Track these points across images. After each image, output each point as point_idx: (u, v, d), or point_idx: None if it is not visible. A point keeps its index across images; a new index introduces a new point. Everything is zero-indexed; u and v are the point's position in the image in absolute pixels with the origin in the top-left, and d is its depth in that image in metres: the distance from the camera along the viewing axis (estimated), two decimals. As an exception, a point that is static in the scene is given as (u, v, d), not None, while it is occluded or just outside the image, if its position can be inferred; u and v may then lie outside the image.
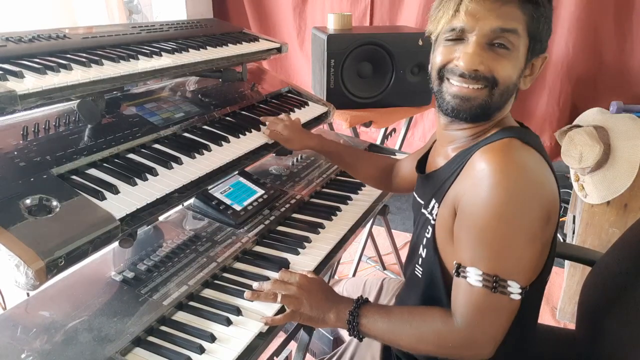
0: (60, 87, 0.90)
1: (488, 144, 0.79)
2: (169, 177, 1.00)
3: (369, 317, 0.87)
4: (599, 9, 1.95)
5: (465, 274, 0.77)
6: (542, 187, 0.76)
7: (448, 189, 0.84)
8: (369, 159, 1.35)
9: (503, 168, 0.74)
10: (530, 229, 0.75)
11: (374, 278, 1.37)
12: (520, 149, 0.77)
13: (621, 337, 0.93)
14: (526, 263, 0.76)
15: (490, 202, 0.74)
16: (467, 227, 0.78)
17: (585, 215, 1.91)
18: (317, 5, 2.48)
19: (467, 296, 0.77)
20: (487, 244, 0.75)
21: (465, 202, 0.78)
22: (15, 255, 0.68)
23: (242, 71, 1.45)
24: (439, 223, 0.87)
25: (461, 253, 0.79)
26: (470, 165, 0.80)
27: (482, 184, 0.75)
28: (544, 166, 0.77)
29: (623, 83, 2.05)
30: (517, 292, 0.75)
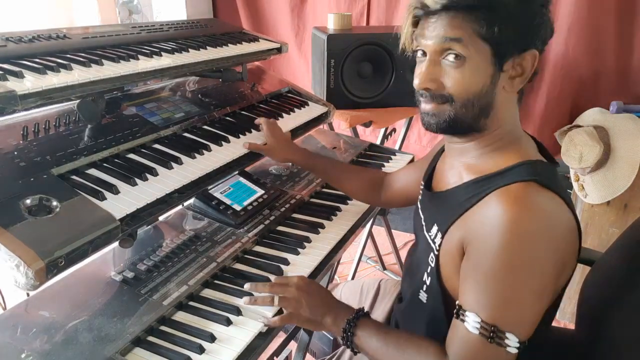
0: (60, 87, 0.90)
1: (505, 187, 0.74)
2: (169, 177, 1.00)
3: (366, 331, 0.85)
4: (600, 9, 1.95)
5: (464, 317, 0.74)
6: (559, 239, 0.73)
7: (454, 222, 0.80)
8: (355, 172, 1.29)
9: (519, 218, 0.70)
10: (541, 284, 0.72)
11: (371, 279, 1.36)
12: (540, 195, 0.72)
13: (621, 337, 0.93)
14: (529, 318, 0.73)
15: (502, 251, 0.70)
16: (474, 272, 0.75)
17: (585, 215, 1.91)
18: (315, 6, 2.48)
19: (462, 341, 0.75)
20: (491, 292, 0.72)
21: (475, 246, 0.75)
22: (15, 255, 0.68)
23: (242, 71, 1.45)
24: (443, 256, 0.83)
25: (464, 295, 0.76)
26: (484, 206, 0.75)
27: (495, 232, 0.71)
28: (564, 213, 0.73)
29: (623, 83, 2.05)
30: (514, 345, 0.71)
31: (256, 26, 2.65)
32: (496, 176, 0.78)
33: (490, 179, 0.78)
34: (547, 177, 0.75)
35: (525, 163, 0.77)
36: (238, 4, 2.63)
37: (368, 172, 1.33)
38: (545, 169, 0.78)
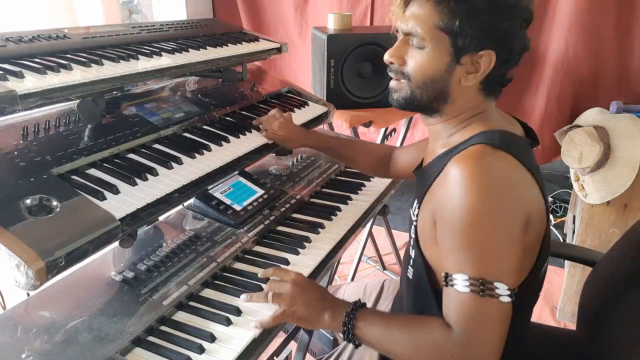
0: (60, 87, 0.90)
1: (461, 152, 0.80)
2: (169, 177, 1.00)
3: (366, 321, 0.85)
4: (599, 9, 1.95)
5: (453, 281, 0.77)
6: (514, 190, 0.77)
7: (426, 192, 0.87)
8: (367, 148, 1.37)
9: (473, 174, 0.75)
10: (507, 230, 0.76)
11: (374, 280, 1.37)
12: (492, 154, 0.77)
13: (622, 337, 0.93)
14: (509, 264, 0.76)
15: (464, 207, 0.75)
16: (447, 236, 0.79)
17: (585, 215, 1.91)
18: (318, 5, 2.48)
19: (457, 304, 0.76)
20: (467, 249, 0.76)
21: (442, 212, 0.80)
22: (16, 255, 0.68)
23: (242, 71, 1.45)
24: (420, 225, 0.88)
25: (447, 262, 0.79)
26: (445, 173, 0.81)
27: (455, 192, 0.76)
28: (517, 169, 0.78)
29: (623, 83, 2.05)
30: (505, 294, 0.74)
31: (257, 25, 2.65)
32: (458, 146, 0.84)
33: (453, 150, 0.85)
34: (506, 142, 0.79)
35: (485, 131, 0.83)
36: (239, 4, 2.62)
37: (378, 148, 1.38)
38: (506, 136, 0.82)
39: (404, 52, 0.86)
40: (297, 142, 1.32)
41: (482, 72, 0.82)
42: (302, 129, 1.35)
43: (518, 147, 0.81)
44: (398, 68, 0.87)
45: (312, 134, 1.35)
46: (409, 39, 0.85)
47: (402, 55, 0.86)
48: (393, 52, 0.87)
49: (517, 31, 0.81)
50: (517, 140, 0.84)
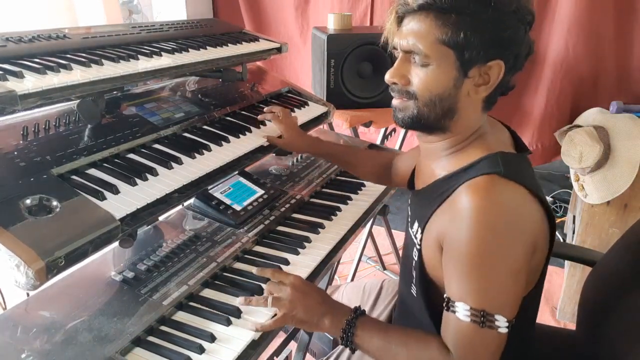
0: (60, 87, 0.89)
1: (470, 181, 0.78)
2: (169, 177, 0.99)
3: (366, 330, 0.85)
4: (599, 9, 1.95)
5: (454, 308, 0.77)
6: (524, 224, 0.77)
7: (429, 218, 0.85)
8: (367, 156, 1.35)
9: (483, 207, 0.75)
10: (514, 265, 0.76)
11: (373, 280, 1.36)
12: (502, 186, 0.76)
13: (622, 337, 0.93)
14: (511, 297, 0.77)
15: (473, 240, 0.75)
16: (453, 264, 0.79)
17: (585, 215, 1.91)
18: (319, 5, 2.48)
19: (456, 330, 0.77)
20: (472, 280, 0.76)
21: (449, 240, 0.79)
22: (16, 255, 0.68)
23: (242, 71, 1.45)
24: (425, 250, 0.87)
25: (450, 287, 0.79)
26: (453, 201, 0.80)
27: (464, 222, 0.76)
28: (526, 201, 0.77)
29: (623, 83, 2.05)
30: (504, 325, 0.75)
31: (259, 25, 2.65)
32: (462, 172, 0.82)
33: (457, 175, 0.83)
34: (509, 168, 0.78)
35: (488, 157, 0.81)
36: (240, 4, 2.63)
37: (379, 156, 1.36)
38: (508, 159, 0.81)
39: (406, 71, 0.83)
40: (297, 147, 1.31)
41: (493, 83, 0.80)
42: (303, 134, 1.34)
43: (520, 169, 0.81)
44: (402, 88, 0.84)
45: (313, 140, 1.33)
46: (410, 57, 0.82)
47: (405, 74, 0.83)
48: (395, 72, 0.84)
49: (522, 36, 0.79)
50: (517, 161, 0.83)
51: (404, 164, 1.23)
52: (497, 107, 0.90)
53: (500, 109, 0.89)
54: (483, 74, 0.80)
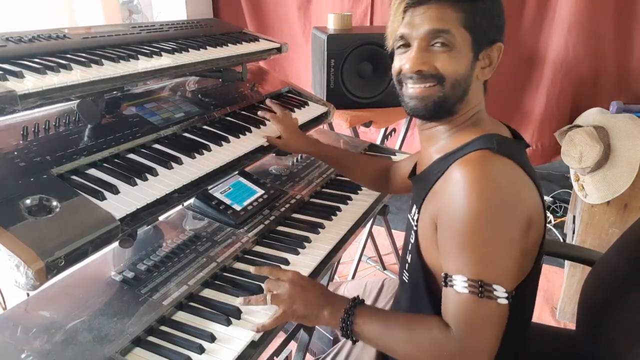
0: (60, 87, 0.89)
1: (463, 157, 0.81)
2: (169, 177, 0.99)
3: (365, 317, 0.86)
4: (599, 9, 1.95)
5: (452, 282, 0.78)
6: (516, 194, 0.78)
7: (425, 196, 0.87)
8: (366, 162, 1.36)
9: (476, 178, 0.77)
10: (508, 234, 0.77)
11: (374, 279, 1.37)
12: (493, 159, 0.79)
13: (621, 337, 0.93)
14: (508, 267, 0.77)
15: (467, 211, 0.76)
16: (448, 238, 0.80)
17: (585, 215, 1.91)
18: (321, 5, 2.49)
19: (456, 304, 0.77)
20: (467, 251, 0.77)
21: (443, 215, 0.81)
22: (15, 255, 0.68)
23: (242, 71, 1.45)
24: (420, 230, 0.88)
25: (447, 263, 0.80)
26: (447, 177, 0.82)
27: (458, 195, 0.77)
28: (518, 174, 0.79)
29: (623, 83, 2.05)
30: (503, 296, 0.75)
31: (261, 25, 2.66)
32: (457, 151, 0.85)
33: (452, 154, 0.85)
34: (503, 146, 0.81)
35: (483, 136, 0.84)
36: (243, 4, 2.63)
37: (378, 162, 1.37)
38: (503, 140, 0.84)
39: (427, 58, 0.84)
40: (296, 148, 1.32)
41: (495, 65, 0.87)
42: (303, 135, 1.35)
43: (515, 150, 0.83)
44: (427, 73, 0.85)
45: (313, 142, 1.34)
46: (427, 44, 0.84)
47: (427, 61, 0.84)
48: (419, 61, 0.85)
49: None
50: (513, 144, 0.87)
51: (402, 169, 1.24)
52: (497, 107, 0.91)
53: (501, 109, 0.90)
54: (486, 56, 0.86)
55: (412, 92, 0.88)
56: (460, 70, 0.84)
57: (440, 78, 0.85)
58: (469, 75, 0.86)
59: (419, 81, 0.86)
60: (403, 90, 0.90)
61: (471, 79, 0.86)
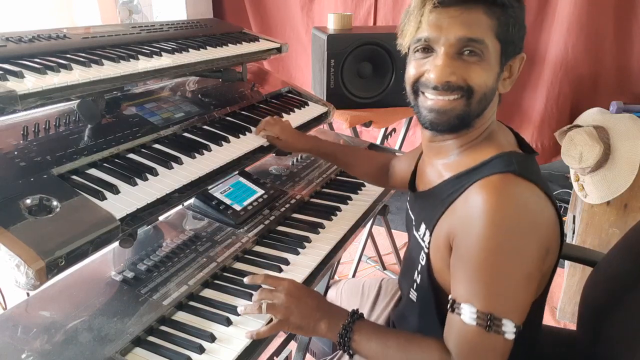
0: (60, 87, 0.89)
1: (484, 179, 0.75)
2: (169, 177, 1.00)
3: (363, 334, 0.83)
4: (599, 9, 1.95)
5: (460, 310, 0.74)
6: (539, 225, 0.74)
7: (439, 218, 0.82)
8: (366, 157, 1.34)
9: (499, 206, 0.72)
10: (527, 268, 0.73)
11: (372, 279, 1.36)
12: (518, 185, 0.74)
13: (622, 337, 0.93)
14: (521, 302, 0.74)
15: (486, 240, 0.72)
16: (462, 264, 0.76)
17: (585, 215, 1.91)
18: (324, 4, 2.49)
19: (460, 334, 0.74)
20: (481, 281, 0.73)
21: (460, 239, 0.77)
22: (16, 255, 0.68)
23: (242, 71, 1.45)
24: (433, 253, 0.84)
25: (456, 289, 0.77)
26: (466, 201, 0.77)
27: (477, 221, 0.73)
28: (542, 201, 0.75)
29: (623, 83, 2.05)
30: (511, 331, 0.72)
31: (265, 25, 2.67)
32: (474, 170, 0.80)
33: (469, 174, 0.80)
34: (523, 167, 0.76)
35: (501, 155, 0.79)
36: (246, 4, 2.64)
37: (378, 156, 1.35)
38: (521, 159, 0.79)
39: (456, 67, 0.77)
40: (296, 147, 1.31)
41: (515, 77, 0.82)
42: (301, 134, 1.34)
43: (532, 168, 0.79)
44: (455, 84, 0.77)
45: (311, 139, 1.33)
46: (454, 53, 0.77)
47: (456, 70, 0.77)
48: (448, 70, 0.76)
49: None
50: (529, 161, 0.81)
51: (402, 166, 1.22)
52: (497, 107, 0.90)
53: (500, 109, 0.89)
54: (509, 68, 0.81)
55: (433, 104, 0.80)
56: (489, 84, 0.78)
57: (469, 91, 0.78)
58: (495, 88, 0.80)
59: (444, 93, 0.78)
60: (420, 101, 0.83)
61: (495, 92, 0.81)
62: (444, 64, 0.77)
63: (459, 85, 0.77)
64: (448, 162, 0.87)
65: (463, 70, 0.77)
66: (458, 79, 0.77)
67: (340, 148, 1.36)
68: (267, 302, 0.87)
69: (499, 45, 0.77)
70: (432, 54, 0.79)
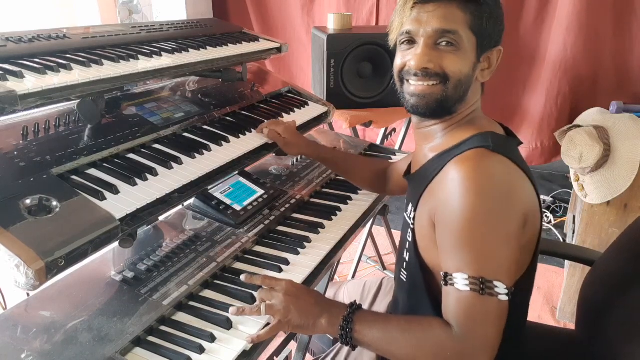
0: (60, 87, 0.89)
1: (460, 155, 0.82)
2: (169, 177, 1.00)
3: (364, 324, 0.84)
4: (598, 9, 1.95)
5: (453, 280, 0.78)
6: (512, 191, 0.79)
7: (421, 195, 0.88)
8: (363, 163, 1.36)
9: (473, 176, 0.78)
10: (505, 230, 0.78)
11: (373, 278, 1.37)
12: (490, 157, 0.80)
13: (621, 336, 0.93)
14: (507, 263, 0.78)
15: (464, 208, 0.77)
16: (446, 236, 0.80)
17: (585, 215, 1.91)
18: (324, 4, 2.49)
19: (457, 302, 0.77)
20: (466, 248, 0.77)
21: (441, 212, 0.81)
22: (15, 255, 0.68)
23: (242, 71, 1.45)
24: (418, 228, 0.89)
25: (446, 262, 0.80)
26: (444, 175, 0.83)
27: (455, 193, 0.78)
28: (514, 171, 0.80)
29: (623, 83, 2.05)
30: (504, 292, 0.76)
31: (266, 25, 2.67)
32: (454, 149, 0.86)
33: (448, 152, 0.87)
34: (498, 144, 0.82)
35: (478, 134, 0.86)
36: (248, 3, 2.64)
37: (375, 163, 1.38)
38: (498, 138, 0.86)
39: (433, 56, 0.85)
40: (296, 149, 1.32)
41: (494, 68, 0.89)
42: (303, 138, 1.35)
43: (509, 147, 0.85)
44: (432, 71, 0.86)
45: (312, 144, 1.34)
46: (433, 42, 0.85)
47: (433, 59, 0.85)
48: (425, 58, 0.86)
49: None
50: (507, 141, 0.88)
51: (399, 171, 1.23)
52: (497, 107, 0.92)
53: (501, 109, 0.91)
54: (487, 59, 0.88)
55: (414, 89, 0.88)
56: (464, 71, 0.86)
57: (445, 77, 0.86)
58: (470, 76, 0.87)
59: (423, 79, 0.87)
60: (404, 88, 0.91)
61: (472, 80, 0.88)
62: (422, 52, 0.86)
63: (435, 72, 0.86)
64: (433, 144, 0.93)
65: (439, 59, 0.85)
66: (435, 66, 0.85)
67: (338, 154, 1.37)
68: (266, 303, 0.87)
69: (474, 38, 0.85)
70: (414, 46, 0.88)
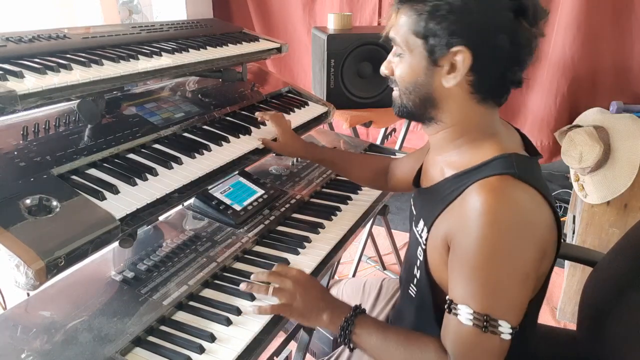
0: (60, 87, 0.90)
1: (483, 180, 0.76)
2: (169, 177, 1.00)
3: (364, 328, 0.85)
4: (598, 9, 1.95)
5: (457, 311, 0.75)
6: (536, 227, 0.75)
7: (437, 217, 0.83)
8: (362, 161, 1.34)
9: (496, 209, 0.73)
10: (523, 269, 0.74)
11: (373, 278, 1.36)
12: (516, 188, 0.75)
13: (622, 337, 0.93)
14: (518, 303, 0.75)
15: (483, 241, 0.73)
16: (459, 265, 0.77)
17: (585, 215, 1.91)
18: (326, 4, 2.49)
19: (457, 334, 0.76)
20: (479, 283, 0.74)
21: (458, 240, 0.77)
22: (15, 255, 0.68)
23: (242, 71, 1.45)
24: (430, 250, 0.86)
25: (454, 289, 0.78)
26: (464, 200, 0.78)
27: (475, 223, 0.73)
28: (539, 204, 0.76)
29: (623, 83, 2.05)
30: (507, 332, 0.73)
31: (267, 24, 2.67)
32: (474, 170, 0.80)
33: (469, 173, 0.81)
34: (523, 169, 0.77)
35: (501, 157, 0.79)
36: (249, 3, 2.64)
37: (375, 160, 1.36)
38: (522, 161, 0.79)
39: (390, 62, 0.88)
40: (293, 151, 1.31)
41: (461, 71, 0.77)
42: (300, 140, 1.33)
43: (533, 171, 0.79)
44: (391, 78, 0.89)
45: (309, 146, 1.33)
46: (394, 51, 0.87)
47: (390, 65, 0.88)
48: (384, 65, 0.89)
49: (501, 24, 0.75)
50: (530, 162, 0.82)
51: (403, 167, 1.22)
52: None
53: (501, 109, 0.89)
54: (449, 62, 0.78)
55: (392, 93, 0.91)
56: (408, 78, 0.83)
57: (395, 84, 0.88)
58: (423, 83, 0.82)
59: (390, 84, 0.90)
60: None
61: (432, 86, 0.81)
62: (387, 59, 0.89)
63: (391, 78, 0.89)
64: (450, 159, 0.88)
65: (392, 65, 0.87)
66: (390, 72, 0.88)
67: (336, 154, 1.35)
68: (275, 285, 0.90)
69: (419, 41, 0.80)
70: None
